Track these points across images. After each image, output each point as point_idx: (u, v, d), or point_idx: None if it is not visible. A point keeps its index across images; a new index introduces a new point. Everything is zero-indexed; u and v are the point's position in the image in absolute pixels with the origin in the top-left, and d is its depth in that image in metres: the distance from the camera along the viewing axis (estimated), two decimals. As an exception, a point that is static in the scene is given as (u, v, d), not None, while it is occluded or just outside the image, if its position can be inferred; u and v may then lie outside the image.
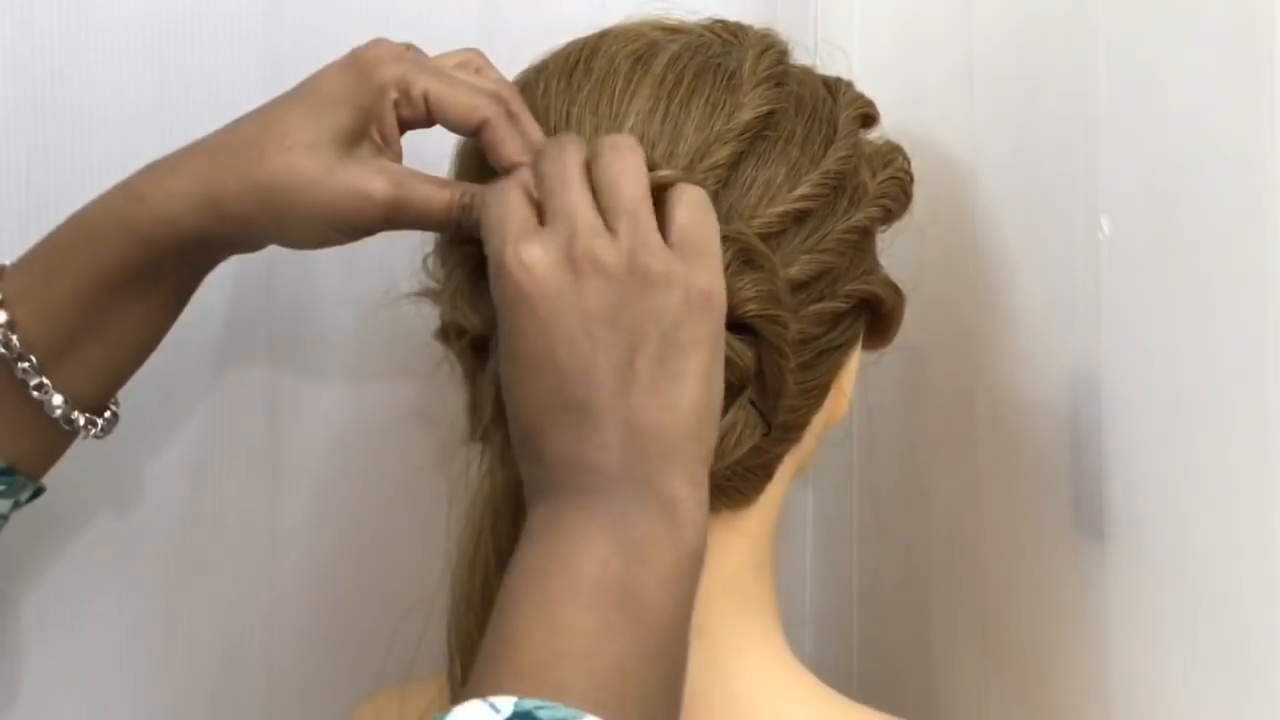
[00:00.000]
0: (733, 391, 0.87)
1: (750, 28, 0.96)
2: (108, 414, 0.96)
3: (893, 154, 0.96)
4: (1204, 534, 0.88)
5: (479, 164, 0.90)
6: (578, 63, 0.91)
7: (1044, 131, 0.99)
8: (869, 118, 0.96)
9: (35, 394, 0.92)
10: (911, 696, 1.17)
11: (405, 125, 0.91)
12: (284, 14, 1.13)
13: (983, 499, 1.07)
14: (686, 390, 0.82)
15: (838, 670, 1.21)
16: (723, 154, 0.88)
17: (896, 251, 0.97)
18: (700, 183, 0.86)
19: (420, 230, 0.90)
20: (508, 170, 0.87)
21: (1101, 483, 0.95)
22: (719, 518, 0.91)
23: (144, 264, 0.91)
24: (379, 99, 0.89)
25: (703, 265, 0.83)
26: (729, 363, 0.85)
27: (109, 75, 1.10)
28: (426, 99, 0.89)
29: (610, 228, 0.82)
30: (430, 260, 0.93)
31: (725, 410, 0.86)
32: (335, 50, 1.14)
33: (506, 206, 0.84)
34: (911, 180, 0.96)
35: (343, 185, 0.88)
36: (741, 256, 0.86)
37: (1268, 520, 0.84)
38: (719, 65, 0.91)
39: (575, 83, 0.90)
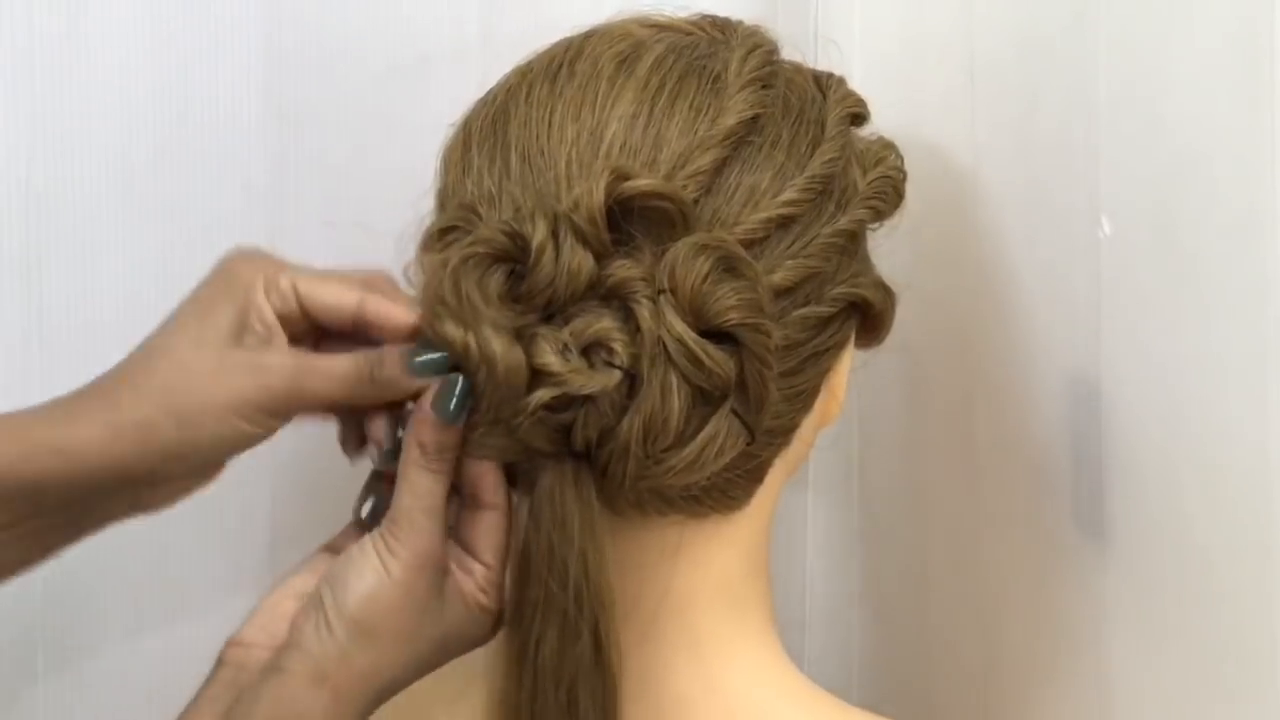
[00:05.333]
0: (714, 401, 0.86)
1: (739, 24, 0.95)
2: None
3: (884, 152, 0.95)
4: (1204, 534, 0.88)
5: (464, 164, 0.91)
6: (561, 65, 0.91)
7: (1044, 132, 0.99)
8: (859, 116, 0.95)
9: None
10: (911, 697, 1.17)
11: (283, 320, 0.90)
12: (284, 18, 1.13)
13: (983, 499, 1.07)
14: None
15: (838, 671, 1.21)
16: (705, 160, 0.87)
17: (895, 251, 0.97)
18: (682, 189, 0.85)
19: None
20: (406, 335, 0.88)
21: (1101, 483, 0.95)
22: (710, 523, 0.91)
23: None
24: (249, 292, 0.88)
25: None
26: (708, 372, 0.84)
27: (108, 80, 1.10)
28: (296, 289, 0.89)
29: None
30: (410, 269, 0.92)
31: (706, 420, 0.85)
32: (335, 51, 1.14)
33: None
34: (904, 178, 0.95)
35: (233, 378, 0.87)
36: (722, 265, 0.84)
37: (1268, 520, 0.84)
38: (704, 67, 0.90)
39: (559, 87, 0.89)
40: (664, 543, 0.91)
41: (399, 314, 0.88)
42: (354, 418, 0.91)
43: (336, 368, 0.87)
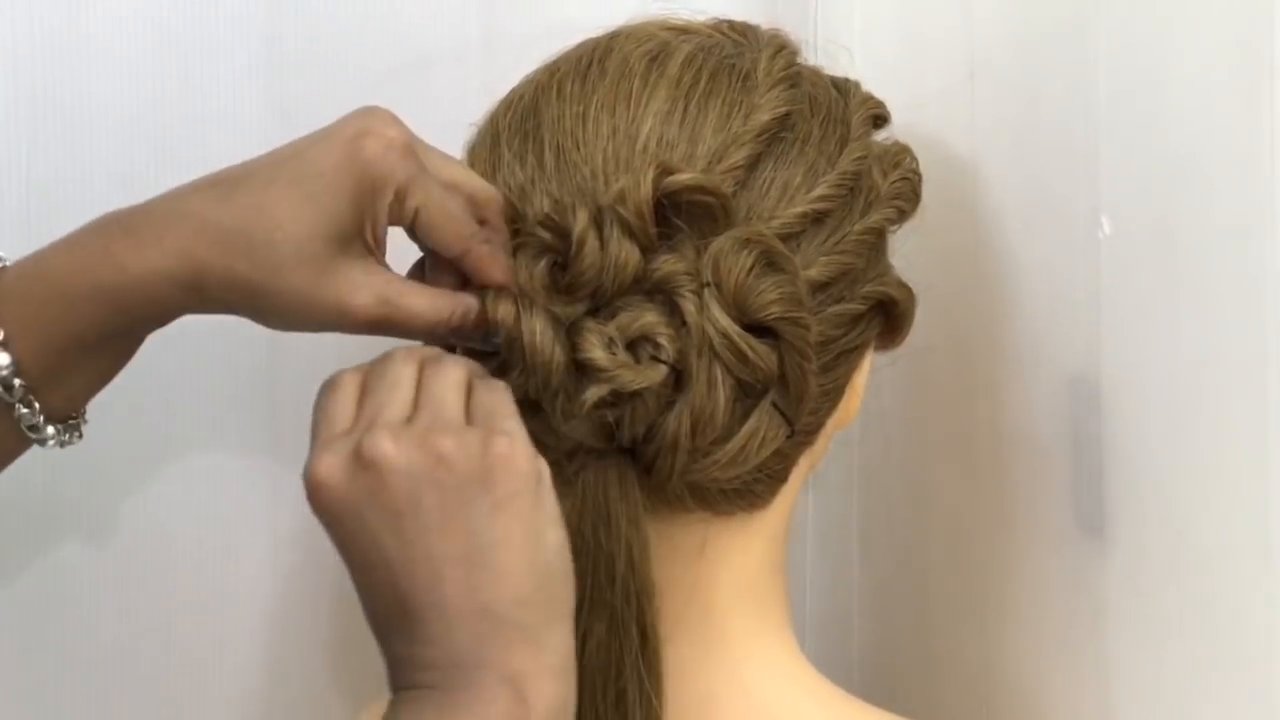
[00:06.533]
0: (755, 395, 0.87)
1: (758, 28, 0.96)
2: (74, 420, 0.92)
3: (902, 154, 0.96)
4: (1203, 534, 0.88)
5: (492, 160, 0.91)
6: (591, 63, 0.91)
7: (1044, 131, 0.99)
8: (880, 118, 0.96)
9: (30, 433, 0.89)
10: (911, 697, 1.17)
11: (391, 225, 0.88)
12: (284, 18, 1.13)
13: (983, 498, 1.07)
14: (506, 559, 0.79)
15: (838, 671, 1.21)
16: (740, 156, 0.88)
17: (896, 251, 0.97)
18: (719, 184, 0.86)
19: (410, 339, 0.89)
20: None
21: (1101, 483, 0.95)
22: (735, 521, 0.92)
23: (118, 327, 0.88)
24: (378, 200, 0.86)
25: (498, 429, 0.81)
26: (751, 366, 0.85)
27: (109, 74, 1.10)
28: (416, 214, 0.86)
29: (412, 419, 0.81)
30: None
31: (748, 414, 0.86)
32: (335, 56, 1.14)
33: (322, 411, 0.83)
34: (920, 180, 0.96)
35: (329, 299, 0.85)
36: (764, 259, 0.86)
37: (1267, 520, 0.84)
38: (733, 66, 0.91)
39: (590, 84, 0.90)
40: (689, 540, 0.91)
41: (494, 276, 0.87)
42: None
43: (421, 312, 0.87)
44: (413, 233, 0.88)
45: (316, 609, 1.19)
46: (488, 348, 0.87)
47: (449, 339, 0.88)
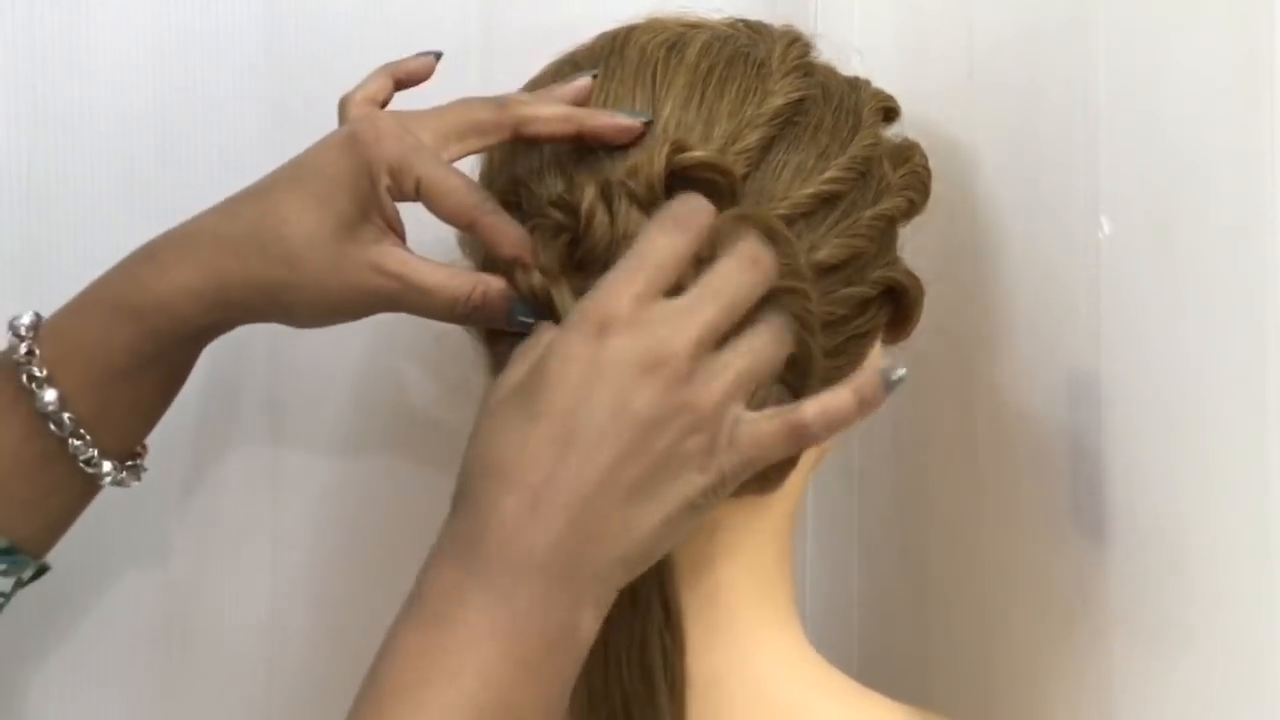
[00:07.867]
0: None
1: (772, 25, 0.98)
2: (135, 462, 0.98)
3: (911, 150, 0.98)
4: (1203, 534, 0.88)
5: (510, 169, 0.92)
6: (610, 52, 0.94)
7: (1044, 131, 0.99)
8: (891, 110, 0.98)
9: (87, 468, 0.94)
10: (911, 696, 1.17)
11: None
12: (284, 18, 1.13)
13: (983, 499, 1.07)
14: (651, 523, 0.81)
15: (837, 669, 1.21)
16: (753, 138, 0.90)
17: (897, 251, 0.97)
18: (732, 165, 0.88)
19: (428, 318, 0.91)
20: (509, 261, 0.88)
21: (1101, 483, 0.95)
22: (743, 503, 0.92)
23: (150, 352, 0.92)
24: (375, 183, 0.89)
25: (750, 452, 0.83)
26: None
27: (110, 78, 1.10)
28: (418, 187, 0.89)
29: (702, 345, 0.82)
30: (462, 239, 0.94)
31: (754, 392, 0.87)
32: (335, 56, 1.14)
33: (661, 241, 0.83)
34: (930, 175, 0.98)
35: (345, 283, 0.89)
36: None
37: (1266, 520, 0.84)
38: (748, 55, 0.93)
39: (611, 69, 0.93)
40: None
41: (502, 247, 0.88)
42: None
43: (438, 286, 0.89)
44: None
45: (317, 609, 1.19)
46: (512, 328, 0.88)
47: (471, 319, 0.89)
